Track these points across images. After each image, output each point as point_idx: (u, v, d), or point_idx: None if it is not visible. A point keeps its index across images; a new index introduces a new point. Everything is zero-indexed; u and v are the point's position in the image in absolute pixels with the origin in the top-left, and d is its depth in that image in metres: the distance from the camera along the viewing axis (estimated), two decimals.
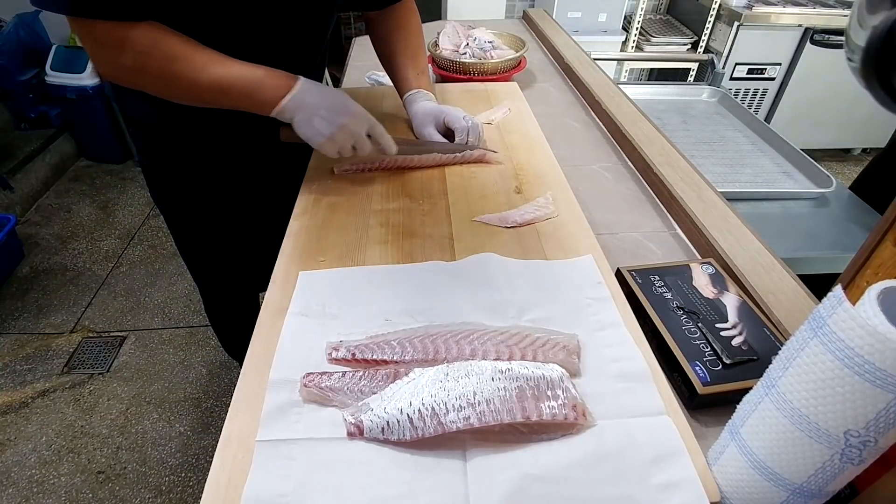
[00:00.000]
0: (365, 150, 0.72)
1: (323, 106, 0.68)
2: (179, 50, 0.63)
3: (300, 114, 0.68)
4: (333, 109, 0.68)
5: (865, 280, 0.49)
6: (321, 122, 0.68)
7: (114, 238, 2.19)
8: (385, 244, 0.68)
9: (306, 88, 0.68)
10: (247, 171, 0.91)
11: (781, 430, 0.36)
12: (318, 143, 0.70)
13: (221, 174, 0.90)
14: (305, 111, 0.68)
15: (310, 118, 0.68)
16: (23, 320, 1.81)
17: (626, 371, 0.51)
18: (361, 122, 0.71)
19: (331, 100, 0.69)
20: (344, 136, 0.69)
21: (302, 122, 0.68)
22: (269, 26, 0.72)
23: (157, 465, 1.40)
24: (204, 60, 0.64)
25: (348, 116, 0.69)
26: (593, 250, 0.66)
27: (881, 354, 0.30)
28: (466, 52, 1.20)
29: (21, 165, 2.33)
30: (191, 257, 1.07)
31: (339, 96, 0.70)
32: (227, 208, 0.94)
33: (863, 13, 0.38)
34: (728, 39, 2.37)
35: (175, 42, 0.63)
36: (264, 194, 0.95)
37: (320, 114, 0.68)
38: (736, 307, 0.58)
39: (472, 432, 0.45)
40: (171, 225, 1.01)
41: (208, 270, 1.09)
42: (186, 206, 0.94)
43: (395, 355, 0.52)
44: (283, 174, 0.93)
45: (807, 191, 1.11)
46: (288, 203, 0.87)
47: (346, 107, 0.69)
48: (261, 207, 0.96)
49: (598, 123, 1.08)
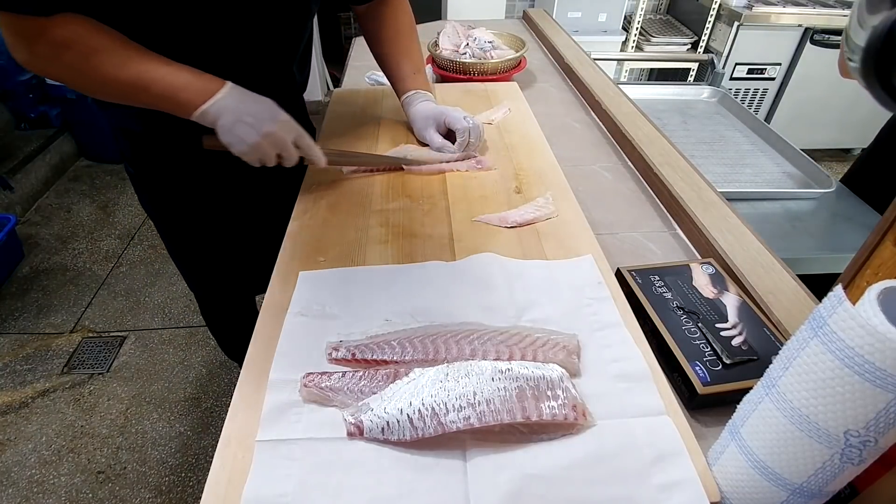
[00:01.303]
0: (291, 160, 0.70)
1: (249, 113, 0.65)
2: (101, 43, 0.60)
3: (223, 119, 0.64)
4: (259, 117, 0.65)
5: (865, 280, 0.49)
6: (246, 129, 0.65)
7: (114, 238, 2.19)
8: (385, 244, 0.68)
9: (232, 94, 0.65)
10: (234, 177, 0.89)
11: (781, 430, 0.36)
12: (240, 151, 0.67)
13: (209, 180, 0.88)
14: (229, 117, 0.64)
15: (233, 125, 0.64)
16: (23, 320, 1.81)
17: (626, 371, 0.51)
18: (288, 131, 0.68)
19: (257, 107, 0.66)
20: (269, 144, 0.66)
21: (224, 129, 0.65)
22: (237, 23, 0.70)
23: (157, 465, 1.40)
24: (126, 56, 0.61)
25: (275, 124, 0.66)
26: (593, 250, 0.66)
27: (881, 354, 0.30)
28: (466, 52, 1.20)
29: (21, 165, 2.33)
30: (183, 263, 1.05)
31: (266, 104, 0.67)
32: (216, 214, 0.93)
33: (863, 13, 0.38)
34: (728, 39, 2.37)
35: (98, 36, 0.60)
36: (253, 198, 0.93)
37: (245, 120, 0.64)
38: (736, 307, 0.58)
39: (472, 432, 0.45)
40: (161, 232, 0.99)
41: (202, 276, 1.08)
42: (176, 213, 0.93)
43: (395, 355, 0.52)
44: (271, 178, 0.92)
45: (807, 191, 1.11)
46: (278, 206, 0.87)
47: (273, 115, 0.66)
48: (251, 212, 0.95)
49: (598, 123, 1.08)
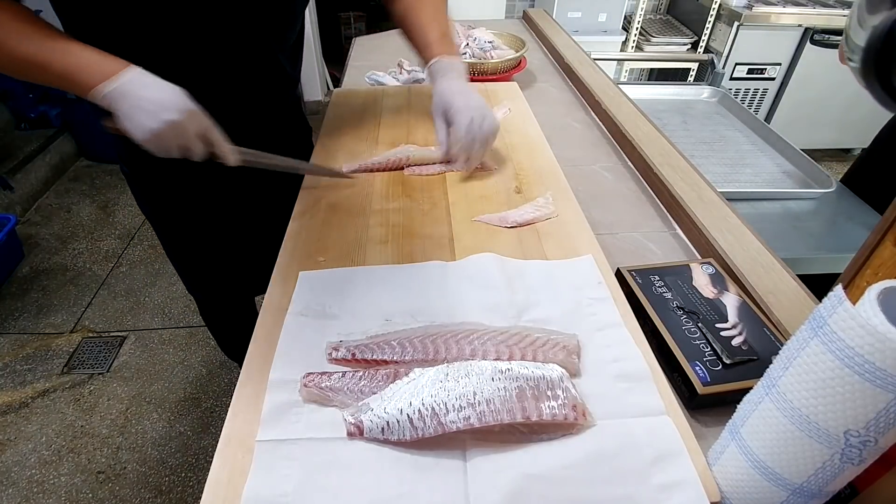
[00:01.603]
0: (196, 154, 0.66)
1: (149, 99, 0.61)
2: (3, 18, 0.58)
3: (121, 105, 0.61)
4: (161, 104, 0.61)
5: (865, 280, 0.49)
6: (145, 116, 0.61)
7: (114, 238, 2.19)
8: (385, 244, 0.68)
9: (133, 79, 0.61)
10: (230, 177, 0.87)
11: (781, 430, 0.36)
12: (141, 140, 0.63)
13: (204, 180, 0.87)
14: (127, 103, 0.60)
15: (131, 111, 0.61)
16: (23, 320, 1.81)
17: (626, 371, 0.51)
18: (193, 122, 0.63)
19: (160, 94, 0.62)
20: (171, 135, 0.62)
21: (123, 115, 0.61)
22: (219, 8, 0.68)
23: (157, 465, 1.40)
24: (29, 32, 0.59)
25: (177, 114, 0.61)
26: (593, 250, 0.66)
27: (881, 354, 0.30)
28: (466, 52, 1.20)
29: (21, 165, 2.33)
30: (181, 265, 1.05)
31: (172, 92, 0.62)
32: (213, 214, 0.92)
33: (863, 13, 0.39)
34: (728, 39, 2.37)
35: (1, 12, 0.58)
36: (250, 199, 0.93)
37: (144, 107, 0.60)
38: (736, 307, 0.58)
39: (472, 432, 0.45)
40: (158, 233, 0.99)
41: (200, 278, 1.07)
42: (172, 214, 0.92)
43: (395, 355, 0.52)
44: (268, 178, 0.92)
45: (807, 191, 1.11)
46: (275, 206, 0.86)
47: (176, 104, 0.62)
48: (248, 212, 0.94)
49: (598, 123, 1.08)
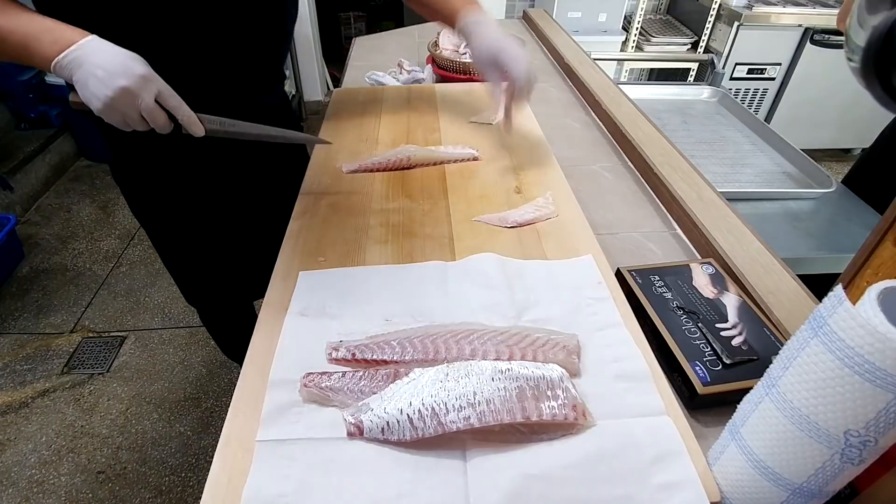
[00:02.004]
0: (158, 121, 0.62)
1: (101, 66, 0.58)
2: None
3: (77, 73, 0.58)
4: (112, 70, 0.58)
5: (865, 280, 0.49)
6: (97, 84, 0.58)
7: (114, 238, 2.19)
8: (385, 244, 0.68)
9: (91, 46, 0.59)
10: (223, 181, 0.88)
11: (781, 430, 0.36)
12: (98, 110, 0.60)
13: (197, 187, 0.87)
14: (83, 71, 0.58)
15: (86, 79, 0.58)
16: (23, 320, 1.81)
17: (626, 371, 0.51)
18: (148, 86, 0.60)
19: (113, 59, 0.59)
20: (125, 102, 0.59)
21: (80, 84, 0.59)
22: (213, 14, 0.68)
23: (157, 465, 1.40)
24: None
25: (128, 79, 0.58)
26: (593, 250, 0.66)
27: (881, 354, 0.30)
28: (466, 52, 1.20)
29: (21, 165, 2.33)
30: (179, 275, 1.04)
31: (125, 57, 0.59)
32: (208, 220, 0.91)
33: (863, 13, 0.38)
34: (728, 39, 2.37)
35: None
36: (245, 202, 0.92)
37: (97, 74, 0.58)
38: (736, 307, 0.58)
39: (472, 432, 0.45)
40: (155, 242, 0.97)
41: (198, 288, 1.06)
42: (167, 221, 0.91)
43: (395, 355, 0.52)
44: (262, 181, 0.91)
45: (807, 191, 1.11)
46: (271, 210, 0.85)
47: (128, 68, 0.58)
48: (243, 216, 0.93)
49: (598, 123, 1.08)
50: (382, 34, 1.64)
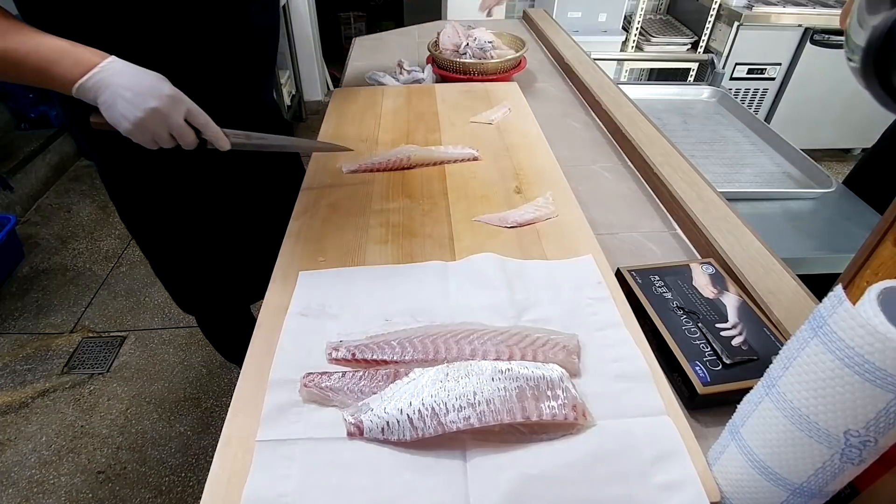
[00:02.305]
0: (187, 139, 0.63)
1: (128, 87, 0.59)
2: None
3: (103, 95, 0.59)
4: (141, 92, 0.59)
5: (865, 280, 0.49)
6: (126, 105, 0.59)
7: (114, 238, 2.19)
8: (385, 244, 0.68)
9: (114, 68, 0.60)
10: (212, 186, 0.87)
11: (781, 430, 0.36)
12: (126, 130, 0.61)
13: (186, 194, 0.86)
14: (109, 93, 0.59)
15: (114, 101, 0.59)
16: (23, 320, 1.81)
17: (626, 371, 0.51)
18: (176, 107, 0.61)
19: (140, 81, 0.60)
20: (155, 122, 0.60)
21: (106, 106, 0.60)
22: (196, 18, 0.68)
23: (157, 465, 1.40)
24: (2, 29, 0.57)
25: (158, 100, 0.59)
26: (593, 250, 0.66)
27: (881, 354, 0.30)
28: (466, 52, 1.20)
29: (21, 165, 2.33)
30: (172, 285, 1.03)
31: (151, 78, 0.61)
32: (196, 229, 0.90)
33: (863, 13, 0.38)
34: (728, 39, 2.37)
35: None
36: (233, 210, 0.91)
37: (125, 96, 0.59)
38: (736, 307, 0.58)
39: (472, 432, 0.45)
40: (143, 249, 0.96)
41: (191, 296, 1.05)
42: (155, 230, 0.90)
43: (395, 355, 0.52)
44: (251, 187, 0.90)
45: (807, 191, 1.11)
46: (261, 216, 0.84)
47: (157, 89, 0.60)
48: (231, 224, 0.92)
49: (598, 123, 1.08)
50: (382, 34, 1.64)
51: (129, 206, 0.88)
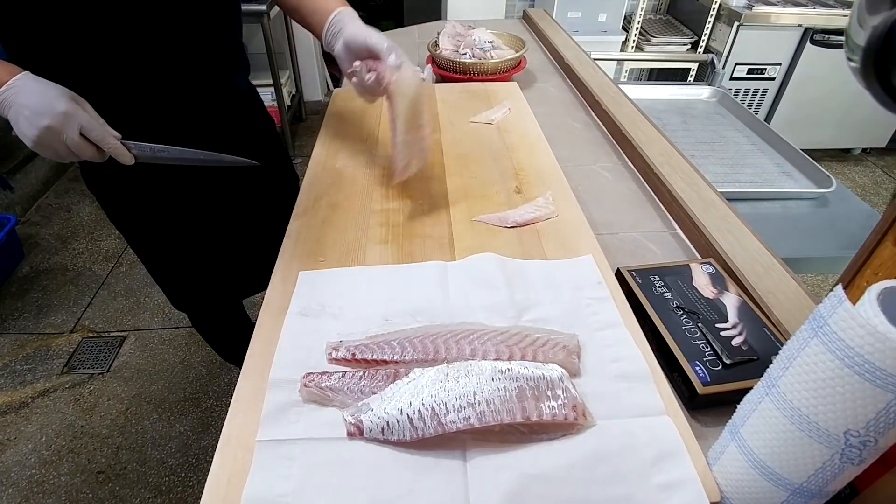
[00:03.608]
0: (85, 154, 0.63)
1: (28, 106, 0.59)
2: None
3: (9, 114, 0.60)
4: (37, 110, 0.59)
5: (865, 280, 0.49)
6: (25, 124, 0.59)
7: (114, 238, 2.19)
8: (385, 244, 0.68)
9: (18, 86, 0.60)
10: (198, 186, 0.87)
11: (781, 430, 0.36)
12: (31, 147, 0.61)
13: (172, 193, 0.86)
14: (13, 112, 0.60)
15: (17, 119, 0.60)
16: (23, 320, 1.81)
17: (626, 371, 0.51)
18: (70, 122, 0.60)
19: (38, 99, 0.60)
20: (51, 139, 0.60)
21: (13, 123, 0.61)
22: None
23: (157, 465, 1.40)
24: None
25: (52, 118, 0.59)
26: (593, 250, 0.66)
27: (881, 354, 0.30)
28: (466, 52, 1.20)
29: (21, 165, 2.33)
30: (164, 282, 1.03)
31: (50, 95, 0.60)
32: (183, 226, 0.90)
33: (863, 13, 0.38)
34: (728, 39, 2.37)
35: None
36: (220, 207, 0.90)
37: (24, 115, 0.59)
38: (736, 307, 0.58)
39: (472, 432, 0.45)
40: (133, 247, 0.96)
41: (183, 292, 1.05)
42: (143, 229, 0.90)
43: (395, 355, 0.52)
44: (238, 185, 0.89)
45: (807, 191, 1.11)
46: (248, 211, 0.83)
47: (51, 107, 0.59)
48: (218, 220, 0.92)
49: (598, 123, 1.08)
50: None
51: (115, 207, 0.88)
